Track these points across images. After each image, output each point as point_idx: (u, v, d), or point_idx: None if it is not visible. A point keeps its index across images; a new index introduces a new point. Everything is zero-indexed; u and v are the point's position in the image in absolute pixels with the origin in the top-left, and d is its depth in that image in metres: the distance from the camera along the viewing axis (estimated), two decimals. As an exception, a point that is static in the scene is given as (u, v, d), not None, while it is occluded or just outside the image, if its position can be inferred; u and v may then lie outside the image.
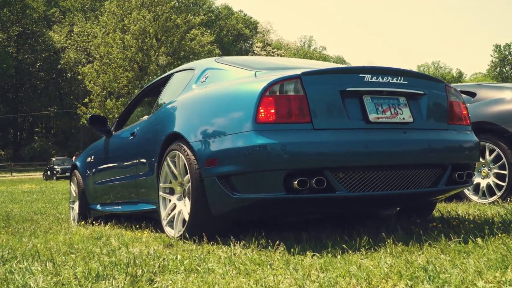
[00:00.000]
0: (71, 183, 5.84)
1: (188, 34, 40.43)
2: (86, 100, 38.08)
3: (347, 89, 3.07)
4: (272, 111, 2.90)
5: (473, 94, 5.77)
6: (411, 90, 3.31)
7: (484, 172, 5.36)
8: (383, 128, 3.14)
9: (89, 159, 5.41)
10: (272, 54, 64.32)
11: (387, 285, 1.93)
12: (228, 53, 60.46)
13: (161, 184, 3.68)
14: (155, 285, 2.14)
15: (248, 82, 3.21)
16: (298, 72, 3.02)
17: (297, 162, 2.86)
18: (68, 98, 59.57)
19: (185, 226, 3.33)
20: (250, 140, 2.87)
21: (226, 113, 3.16)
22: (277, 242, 2.85)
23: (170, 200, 3.64)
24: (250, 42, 74.27)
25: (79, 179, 5.54)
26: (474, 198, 5.37)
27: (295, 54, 77.94)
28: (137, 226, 4.36)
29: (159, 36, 38.61)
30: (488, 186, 5.30)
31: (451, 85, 4.04)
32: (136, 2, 38.41)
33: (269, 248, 2.81)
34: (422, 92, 3.36)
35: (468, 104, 5.69)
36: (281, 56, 66.20)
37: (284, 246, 2.80)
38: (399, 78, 3.25)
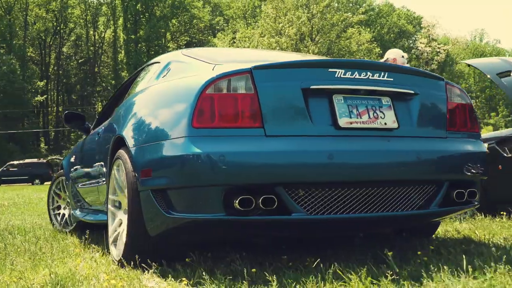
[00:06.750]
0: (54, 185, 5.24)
1: (344, 33, 39.81)
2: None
3: (312, 86, 2.53)
4: (214, 112, 2.39)
5: None
6: (397, 89, 2.70)
7: None
8: (357, 135, 2.57)
9: (72, 159, 4.85)
10: (438, 50, 60.68)
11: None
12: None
13: (110, 196, 3.16)
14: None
15: (197, 77, 2.60)
16: (249, 65, 2.49)
17: (240, 177, 2.35)
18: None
19: (123, 248, 2.82)
20: (183, 148, 2.38)
21: (166, 115, 2.65)
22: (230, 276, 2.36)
23: (117, 215, 3.11)
24: (414, 38, 70.81)
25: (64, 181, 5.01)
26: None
27: (464, 49, 72.76)
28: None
29: (313, 36, 38.56)
30: None
31: None
32: (292, 2, 38.80)
33: (216, 282, 2.28)
34: (412, 92, 2.74)
35: None
36: (447, 52, 62.27)
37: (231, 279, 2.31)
38: (382, 74, 2.66)
